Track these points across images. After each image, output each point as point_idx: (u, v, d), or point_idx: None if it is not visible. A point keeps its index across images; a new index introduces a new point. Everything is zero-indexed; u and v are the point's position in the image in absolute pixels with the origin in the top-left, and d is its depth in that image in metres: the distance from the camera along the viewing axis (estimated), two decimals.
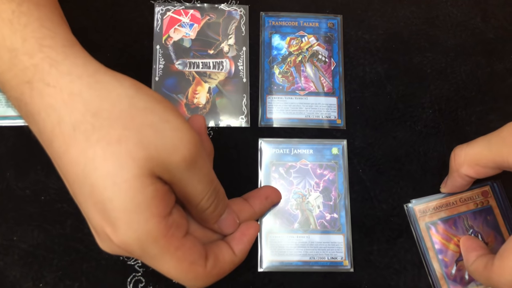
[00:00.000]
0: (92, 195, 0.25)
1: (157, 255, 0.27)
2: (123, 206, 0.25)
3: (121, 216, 0.25)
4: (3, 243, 0.38)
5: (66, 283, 0.37)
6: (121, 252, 0.27)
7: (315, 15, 0.44)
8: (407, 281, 0.39)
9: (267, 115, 0.42)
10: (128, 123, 0.25)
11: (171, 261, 0.27)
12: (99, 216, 0.26)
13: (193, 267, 0.28)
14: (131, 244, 0.26)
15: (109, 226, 0.26)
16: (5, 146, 0.40)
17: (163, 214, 0.26)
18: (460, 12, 0.45)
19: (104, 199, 0.25)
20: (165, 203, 0.27)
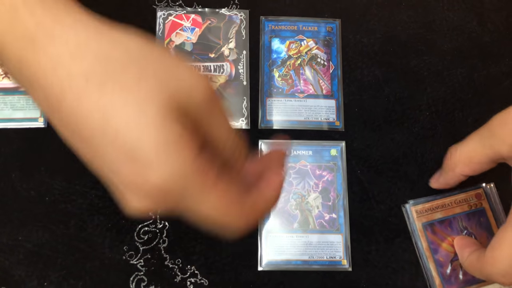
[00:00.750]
0: (116, 141, 0.24)
1: (195, 193, 0.25)
2: (153, 143, 0.23)
3: (154, 153, 0.23)
4: (8, 242, 0.38)
5: (70, 282, 0.38)
6: (154, 203, 0.25)
7: (314, 19, 0.45)
8: (404, 280, 0.39)
9: (267, 117, 0.43)
10: (143, 69, 0.24)
11: (210, 199, 0.25)
12: (128, 162, 0.24)
13: (233, 206, 0.26)
14: (167, 184, 0.24)
15: (141, 168, 0.24)
16: (11, 148, 0.40)
17: (195, 151, 0.25)
18: (457, 17, 0.46)
19: (131, 140, 0.23)
20: (194, 141, 0.25)
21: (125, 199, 0.25)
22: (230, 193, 0.26)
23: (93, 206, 0.40)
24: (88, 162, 0.25)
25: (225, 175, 0.28)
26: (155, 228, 0.39)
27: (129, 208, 0.25)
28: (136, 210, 0.25)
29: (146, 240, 0.39)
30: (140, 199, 0.25)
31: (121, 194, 0.26)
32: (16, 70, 0.25)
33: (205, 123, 0.26)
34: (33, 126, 0.41)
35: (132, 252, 0.39)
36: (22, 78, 0.25)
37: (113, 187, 0.26)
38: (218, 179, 0.26)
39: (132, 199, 0.25)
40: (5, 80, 0.42)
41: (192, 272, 0.39)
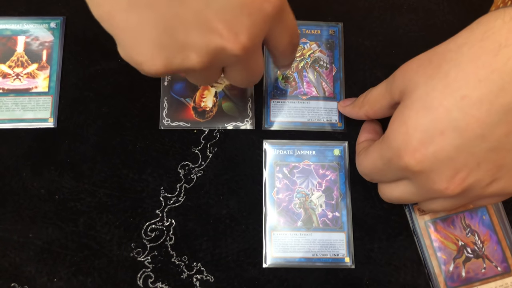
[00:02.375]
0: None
1: (287, 11, 0.31)
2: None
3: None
4: (19, 240, 0.39)
5: (79, 278, 0.39)
6: (264, 23, 0.29)
7: (316, 23, 0.46)
8: (406, 278, 0.40)
9: (271, 118, 0.44)
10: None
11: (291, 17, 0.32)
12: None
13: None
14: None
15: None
16: (21, 148, 0.41)
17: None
18: (457, 20, 0.47)
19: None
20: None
21: (239, 26, 0.28)
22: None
23: (102, 205, 0.40)
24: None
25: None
26: (162, 226, 0.40)
27: (238, 39, 0.28)
28: (249, 36, 0.28)
29: (153, 237, 0.40)
30: (257, 21, 0.28)
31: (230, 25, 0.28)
32: None
33: (272, 30, 0.31)
34: (43, 126, 0.42)
35: (139, 249, 0.40)
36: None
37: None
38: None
39: (248, 25, 0.28)
40: (16, 81, 0.43)
41: (198, 269, 0.39)
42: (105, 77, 0.44)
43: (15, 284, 0.38)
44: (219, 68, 0.32)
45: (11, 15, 0.45)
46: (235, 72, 0.32)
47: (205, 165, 0.42)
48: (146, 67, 0.28)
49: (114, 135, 0.42)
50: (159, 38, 0.27)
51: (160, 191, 0.41)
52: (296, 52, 0.37)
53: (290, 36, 0.33)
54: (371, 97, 0.39)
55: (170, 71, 0.29)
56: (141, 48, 0.28)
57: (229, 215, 0.41)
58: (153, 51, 0.28)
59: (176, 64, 0.28)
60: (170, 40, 0.27)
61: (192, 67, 0.29)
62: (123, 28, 0.27)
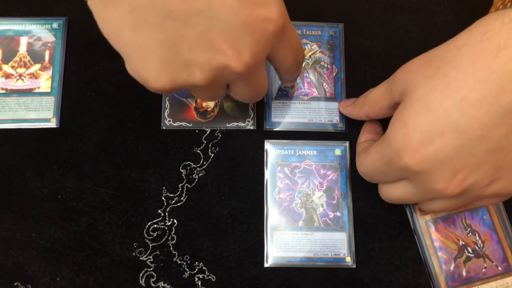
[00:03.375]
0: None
1: (289, 28, 0.32)
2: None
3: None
4: (22, 239, 0.40)
5: (81, 278, 0.39)
6: (268, 41, 0.30)
7: (317, 23, 0.46)
8: (407, 277, 0.40)
9: (272, 119, 0.44)
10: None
11: (294, 34, 0.33)
12: (251, 7, 0.28)
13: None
14: (282, 18, 0.30)
15: (262, 7, 0.29)
16: (24, 148, 0.42)
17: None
18: (458, 20, 0.47)
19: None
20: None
21: (242, 45, 0.29)
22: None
23: (104, 204, 0.41)
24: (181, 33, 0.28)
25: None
26: (164, 225, 0.40)
27: (243, 56, 0.29)
28: (254, 54, 0.30)
29: (155, 237, 0.40)
30: (260, 40, 0.30)
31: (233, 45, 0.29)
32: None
33: (275, 48, 0.32)
34: (46, 126, 0.42)
35: (141, 249, 0.40)
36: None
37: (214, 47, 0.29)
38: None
39: (250, 44, 0.29)
40: (19, 82, 0.43)
41: (200, 269, 0.39)
42: (107, 77, 0.44)
43: (18, 283, 0.39)
44: (223, 85, 0.33)
45: (14, 16, 0.45)
46: (240, 88, 0.34)
47: (206, 165, 0.42)
48: (152, 83, 0.30)
49: (116, 135, 0.42)
50: (165, 57, 0.29)
51: (162, 191, 0.41)
52: (301, 69, 0.38)
53: (294, 54, 0.34)
54: (371, 98, 0.39)
55: (175, 87, 0.30)
56: (147, 66, 0.29)
57: (231, 215, 0.41)
58: (158, 69, 0.29)
59: (181, 81, 0.30)
60: (175, 59, 0.29)
61: (197, 83, 0.30)
62: (130, 46, 0.29)
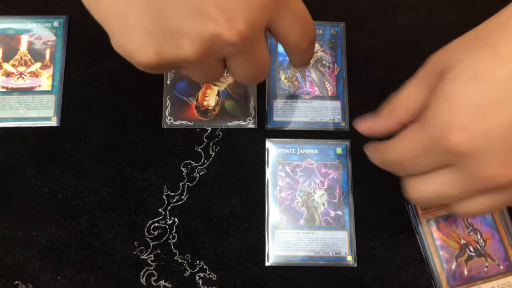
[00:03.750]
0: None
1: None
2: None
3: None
4: (23, 238, 0.40)
5: (82, 276, 0.39)
6: (261, 11, 0.27)
7: (319, 22, 0.46)
8: (408, 276, 0.40)
9: (274, 118, 0.44)
10: None
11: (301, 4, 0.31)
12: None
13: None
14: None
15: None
16: (25, 146, 0.42)
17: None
18: (459, 19, 0.47)
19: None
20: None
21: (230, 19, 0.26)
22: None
23: (105, 203, 0.41)
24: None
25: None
26: (165, 224, 0.40)
27: (233, 28, 0.26)
28: (246, 25, 0.26)
29: (156, 236, 0.40)
30: (254, 6, 0.26)
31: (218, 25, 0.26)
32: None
33: (277, 21, 0.29)
34: (46, 125, 0.42)
35: (142, 248, 0.40)
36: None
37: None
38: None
39: (243, 9, 0.26)
40: (20, 80, 0.43)
41: (201, 267, 0.39)
42: (108, 76, 0.44)
43: (18, 281, 0.39)
44: (218, 61, 0.30)
45: (15, 14, 0.45)
46: (238, 65, 0.30)
47: (207, 163, 0.42)
48: (138, 56, 0.27)
49: (117, 134, 0.42)
50: (149, 25, 0.26)
51: (163, 190, 0.41)
52: (313, 47, 0.34)
53: (301, 26, 0.31)
54: (402, 98, 0.34)
55: (164, 62, 0.27)
56: (131, 36, 0.26)
57: (232, 214, 0.41)
58: (143, 39, 0.26)
59: (169, 54, 0.27)
60: (161, 27, 0.26)
61: (187, 57, 0.27)
62: (111, 15, 0.26)
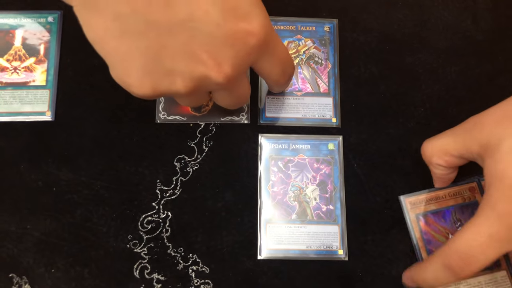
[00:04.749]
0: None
1: (274, 40, 0.33)
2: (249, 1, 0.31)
3: (251, 7, 0.30)
4: (17, 231, 0.40)
5: (76, 269, 0.39)
6: (250, 52, 0.31)
7: (312, 19, 0.47)
8: (399, 270, 0.41)
9: (266, 114, 0.44)
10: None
11: (282, 47, 0.35)
12: (232, 18, 0.29)
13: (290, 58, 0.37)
14: (265, 29, 0.31)
15: (243, 19, 0.30)
16: (19, 141, 0.42)
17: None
18: (451, 16, 0.47)
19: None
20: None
21: (223, 59, 0.30)
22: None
23: (99, 197, 0.41)
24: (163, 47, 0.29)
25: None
26: (158, 218, 0.41)
27: (223, 69, 0.30)
28: (233, 67, 0.31)
29: (149, 229, 0.40)
30: (240, 53, 0.30)
31: (213, 60, 0.30)
32: None
33: (259, 62, 0.34)
34: (41, 119, 0.42)
35: (136, 241, 0.40)
36: None
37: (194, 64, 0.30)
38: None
39: (231, 56, 0.30)
40: (14, 75, 0.43)
41: (194, 261, 0.40)
42: (102, 71, 0.44)
43: (13, 274, 0.39)
44: (205, 93, 0.35)
45: (9, 9, 0.45)
46: (221, 97, 0.36)
47: (201, 158, 0.42)
48: (135, 89, 0.31)
49: (111, 128, 0.43)
50: (147, 65, 0.30)
51: (157, 184, 0.41)
52: (291, 80, 0.39)
53: (281, 67, 0.35)
54: (434, 148, 0.38)
55: (157, 94, 0.31)
56: (130, 73, 0.30)
57: (225, 208, 0.41)
58: (141, 76, 0.30)
59: (163, 88, 0.31)
60: (158, 67, 0.30)
61: (178, 91, 0.31)
62: (114, 54, 0.30)
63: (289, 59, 0.36)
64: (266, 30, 0.31)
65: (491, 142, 0.33)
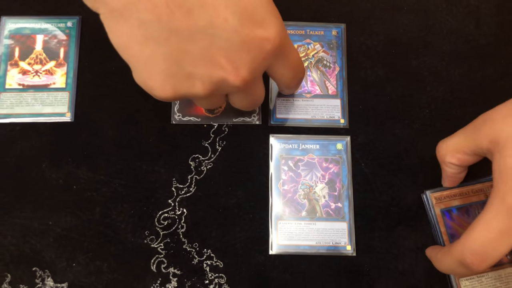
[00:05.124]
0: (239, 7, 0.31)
1: (288, 47, 0.35)
2: (266, 7, 0.32)
3: (268, 13, 0.32)
4: (40, 227, 0.42)
5: (96, 264, 0.41)
6: (266, 58, 0.33)
7: (321, 24, 0.48)
8: (405, 266, 0.42)
9: (277, 115, 0.46)
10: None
11: (296, 54, 0.36)
12: (249, 24, 0.31)
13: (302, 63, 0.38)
14: (281, 35, 0.32)
15: (260, 26, 0.31)
16: (41, 141, 0.44)
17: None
18: (455, 21, 0.49)
19: (249, 5, 0.31)
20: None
21: (241, 63, 0.32)
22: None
23: (117, 195, 0.43)
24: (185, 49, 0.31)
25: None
26: (174, 214, 0.42)
27: (242, 71, 0.32)
28: (251, 70, 0.32)
29: (165, 225, 0.42)
30: (257, 58, 0.32)
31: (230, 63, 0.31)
32: None
33: (274, 66, 0.35)
34: (61, 120, 0.44)
35: (153, 237, 0.42)
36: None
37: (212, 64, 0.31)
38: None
39: (248, 60, 0.32)
40: (35, 78, 0.45)
41: (208, 255, 0.42)
42: (119, 74, 0.46)
43: (36, 268, 0.41)
44: (222, 96, 0.36)
45: (30, 15, 0.47)
46: (238, 99, 0.37)
47: (214, 157, 0.44)
48: (157, 92, 0.32)
49: (129, 129, 0.44)
50: (169, 69, 0.31)
51: (172, 182, 0.43)
52: (300, 83, 0.41)
53: (293, 71, 0.37)
54: (448, 147, 0.39)
55: (178, 97, 0.33)
56: (153, 76, 0.32)
57: (237, 205, 0.43)
58: (163, 80, 0.32)
59: (183, 91, 0.33)
60: (179, 71, 0.32)
61: (198, 94, 0.33)
62: (137, 58, 0.31)
63: (300, 64, 0.38)
64: (281, 36, 0.33)
65: (501, 137, 0.34)
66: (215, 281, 0.41)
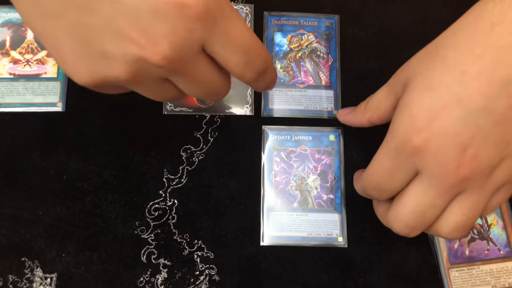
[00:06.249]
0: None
1: (228, 16, 0.27)
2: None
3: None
4: (29, 217, 0.41)
5: (86, 254, 0.41)
6: (192, 28, 0.25)
7: (314, 15, 0.48)
8: (397, 256, 0.42)
9: (269, 106, 0.46)
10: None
11: (241, 24, 0.28)
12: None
13: (256, 39, 0.29)
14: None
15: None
16: (32, 130, 0.43)
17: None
18: (448, 12, 0.49)
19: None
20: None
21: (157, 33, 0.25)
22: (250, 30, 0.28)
23: (107, 185, 0.42)
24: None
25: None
26: (165, 205, 0.42)
27: (159, 47, 0.25)
28: (173, 44, 0.25)
29: (156, 216, 0.42)
30: (178, 29, 0.25)
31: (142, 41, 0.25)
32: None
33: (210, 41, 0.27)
34: (52, 110, 0.44)
35: (143, 227, 0.42)
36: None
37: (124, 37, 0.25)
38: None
39: (166, 32, 0.25)
40: (26, 67, 0.45)
41: (199, 246, 0.41)
42: None
43: (25, 258, 0.41)
44: (159, 81, 0.29)
45: None
46: (182, 85, 0.29)
47: (206, 148, 0.44)
48: (73, 76, 0.28)
49: (120, 119, 0.44)
50: (75, 47, 0.26)
51: (164, 173, 0.43)
52: (270, 75, 0.32)
53: (241, 53, 0.28)
54: (374, 101, 0.40)
55: (98, 82, 0.27)
56: (63, 57, 0.27)
57: (229, 196, 0.43)
58: (75, 60, 0.27)
59: (100, 74, 0.27)
60: (87, 49, 0.26)
61: (118, 77, 0.27)
62: (42, 36, 0.27)
63: (254, 44, 0.29)
64: (208, 1, 0.25)
65: (410, 78, 0.34)
66: (205, 272, 0.41)
